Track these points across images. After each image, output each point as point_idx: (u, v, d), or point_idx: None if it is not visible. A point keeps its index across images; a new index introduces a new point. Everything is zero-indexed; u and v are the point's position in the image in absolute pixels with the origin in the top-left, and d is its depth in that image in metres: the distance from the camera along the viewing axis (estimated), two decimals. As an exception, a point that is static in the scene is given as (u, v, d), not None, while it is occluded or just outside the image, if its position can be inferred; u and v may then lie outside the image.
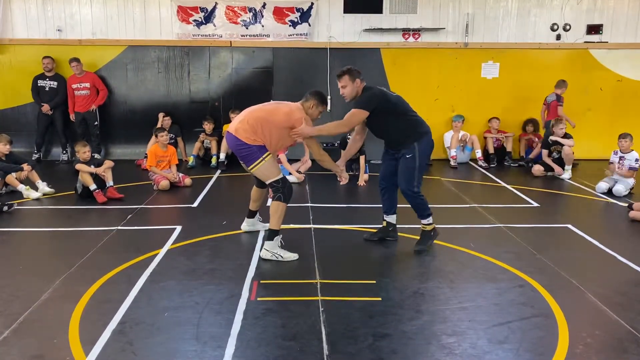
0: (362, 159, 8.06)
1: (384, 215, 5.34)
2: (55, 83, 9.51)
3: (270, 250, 4.85)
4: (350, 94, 4.97)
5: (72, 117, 9.58)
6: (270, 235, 4.89)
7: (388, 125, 5.00)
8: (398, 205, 5.34)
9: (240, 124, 4.87)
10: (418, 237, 5.20)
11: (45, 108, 9.44)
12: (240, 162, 5.03)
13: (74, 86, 9.43)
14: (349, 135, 7.04)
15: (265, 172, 4.89)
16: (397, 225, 5.40)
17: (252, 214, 5.59)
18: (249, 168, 4.92)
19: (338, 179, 5.40)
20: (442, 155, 10.02)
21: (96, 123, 9.58)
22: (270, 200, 5.17)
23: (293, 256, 4.88)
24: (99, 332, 3.54)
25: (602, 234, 5.74)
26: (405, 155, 4.93)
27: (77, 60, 9.31)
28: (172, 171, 7.78)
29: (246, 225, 5.61)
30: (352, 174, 7.47)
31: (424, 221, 5.11)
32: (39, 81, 9.50)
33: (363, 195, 7.55)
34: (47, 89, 9.50)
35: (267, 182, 4.96)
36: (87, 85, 9.42)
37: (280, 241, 4.92)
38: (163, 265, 4.75)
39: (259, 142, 4.83)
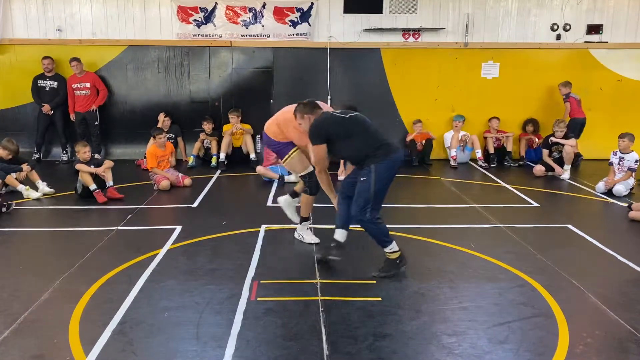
0: None
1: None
2: (56, 83, 9.51)
3: (298, 231, 5.49)
4: (308, 129, 4.78)
5: (72, 117, 9.58)
6: (301, 220, 5.50)
7: (346, 148, 4.64)
8: (395, 205, 5.32)
9: (271, 122, 5.37)
10: (417, 238, 5.20)
11: (46, 108, 9.44)
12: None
13: (74, 86, 9.43)
14: None
15: (292, 166, 5.43)
16: (396, 225, 5.39)
17: (295, 194, 5.62)
18: (282, 162, 5.50)
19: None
20: (442, 155, 10.02)
21: (96, 123, 9.58)
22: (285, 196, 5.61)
23: (314, 239, 5.33)
24: (99, 332, 3.54)
25: (602, 234, 5.74)
26: (360, 177, 4.51)
27: (77, 59, 9.31)
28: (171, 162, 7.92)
29: (284, 200, 5.64)
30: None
31: (386, 249, 4.58)
32: (39, 81, 9.49)
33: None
34: (47, 89, 9.50)
35: (298, 176, 5.45)
36: (87, 85, 9.42)
37: (309, 227, 5.48)
38: (163, 265, 4.76)
39: (286, 140, 5.27)
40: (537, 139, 9.79)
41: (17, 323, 3.68)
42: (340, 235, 4.84)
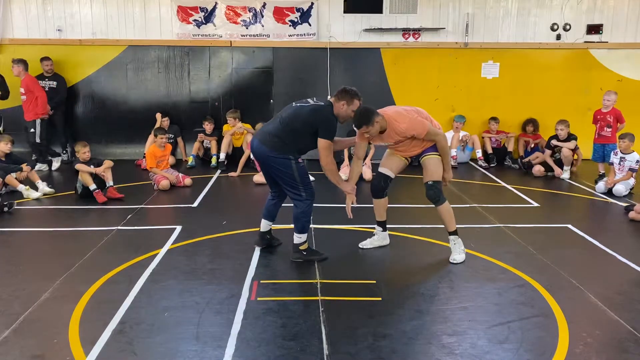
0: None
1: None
2: (55, 83, 9.50)
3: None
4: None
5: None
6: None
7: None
8: (395, 205, 5.31)
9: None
10: (417, 238, 5.19)
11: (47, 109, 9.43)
12: None
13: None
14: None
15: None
16: (397, 225, 5.39)
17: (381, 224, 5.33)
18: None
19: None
20: (442, 155, 10.01)
21: (32, 130, 9.02)
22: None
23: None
24: (99, 332, 3.54)
25: (602, 234, 5.74)
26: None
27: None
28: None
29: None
30: None
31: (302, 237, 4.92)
32: (39, 82, 9.48)
33: (363, 195, 7.54)
34: (47, 89, 9.48)
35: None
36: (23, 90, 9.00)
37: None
38: (163, 265, 4.76)
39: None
40: (531, 139, 9.79)
41: (17, 323, 3.68)
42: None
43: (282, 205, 5.14)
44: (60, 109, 9.57)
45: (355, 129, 4.88)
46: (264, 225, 5.13)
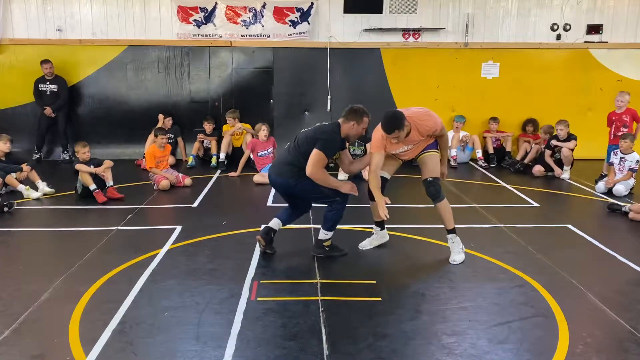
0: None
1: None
2: (56, 86, 9.53)
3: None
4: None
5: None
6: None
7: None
8: (395, 205, 5.31)
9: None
10: (417, 238, 5.19)
11: (48, 111, 9.46)
12: None
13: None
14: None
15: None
16: (397, 225, 5.38)
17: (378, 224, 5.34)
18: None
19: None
20: (442, 155, 10.01)
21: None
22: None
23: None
24: (99, 332, 3.54)
25: (602, 234, 5.74)
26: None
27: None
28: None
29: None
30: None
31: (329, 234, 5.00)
32: (40, 85, 9.51)
33: (363, 195, 7.54)
34: (48, 92, 9.52)
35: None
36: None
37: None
38: (163, 265, 4.76)
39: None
40: (532, 139, 9.79)
41: (17, 323, 3.68)
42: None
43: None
44: (62, 111, 9.58)
45: (374, 139, 4.82)
46: (275, 222, 5.03)
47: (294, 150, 4.81)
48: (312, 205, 5.26)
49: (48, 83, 9.50)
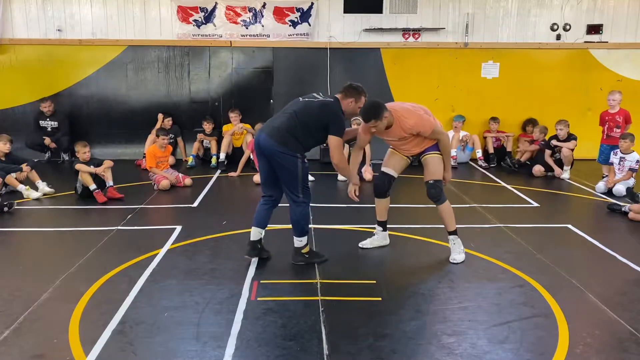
0: (367, 149, 7.86)
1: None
2: (56, 123, 9.58)
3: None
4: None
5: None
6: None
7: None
8: (395, 205, 5.30)
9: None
10: (417, 238, 5.19)
11: (48, 141, 9.50)
12: None
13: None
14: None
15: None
16: (397, 225, 5.37)
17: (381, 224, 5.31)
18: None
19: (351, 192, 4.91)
20: (442, 155, 10.01)
21: None
22: None
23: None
24: (99, 332, 3.54)
25: (602, 234, 5.73)
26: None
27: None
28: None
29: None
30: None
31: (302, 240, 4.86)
32: (40, 122, 9.56)
33: (365, 195, 7.54)
34: (49, 129, 9.57)
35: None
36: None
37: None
38: (163, 265, 4.75)
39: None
40: (528, 139, 9.80)
41: (17, 323, 3.68)
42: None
43: (279, 204, 5.03)
44: (65, 139, 9.57)
45: (362, 122, 4.81)
46: (255, 233, 4.82)
47: (295, 118, 4.56)
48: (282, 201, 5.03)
49: (48, 120, 9.55)
